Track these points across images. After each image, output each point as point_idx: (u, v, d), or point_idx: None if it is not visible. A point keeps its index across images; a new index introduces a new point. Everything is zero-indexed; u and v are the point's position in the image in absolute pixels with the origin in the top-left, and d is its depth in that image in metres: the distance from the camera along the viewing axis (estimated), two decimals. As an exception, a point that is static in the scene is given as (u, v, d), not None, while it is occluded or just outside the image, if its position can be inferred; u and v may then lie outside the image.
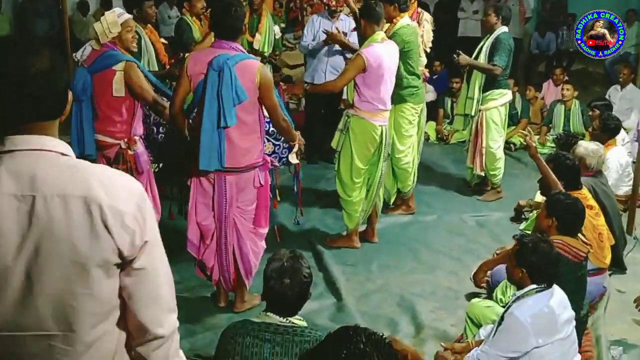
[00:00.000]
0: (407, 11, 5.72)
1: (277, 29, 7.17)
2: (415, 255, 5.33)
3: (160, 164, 4.97)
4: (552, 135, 8.25)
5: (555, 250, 3.22)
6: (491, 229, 5.85)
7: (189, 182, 4.10)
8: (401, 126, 5.72)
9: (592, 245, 4.14)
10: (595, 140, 5.53)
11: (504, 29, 6.21)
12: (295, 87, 9.23)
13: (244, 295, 4.30)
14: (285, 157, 4.64)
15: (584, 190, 4.49)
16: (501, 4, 6.31)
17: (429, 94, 7.97)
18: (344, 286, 4.73)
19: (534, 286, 3.11)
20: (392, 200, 6.06)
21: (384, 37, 5.02)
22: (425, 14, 6.40)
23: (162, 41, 6.18)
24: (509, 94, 6.42)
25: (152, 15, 5.99)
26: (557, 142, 7.63)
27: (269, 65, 6.96)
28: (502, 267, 3.78)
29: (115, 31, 4.23)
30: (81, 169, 1.59)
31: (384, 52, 4.92)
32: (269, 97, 3.92)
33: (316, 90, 5.89)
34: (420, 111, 5.89)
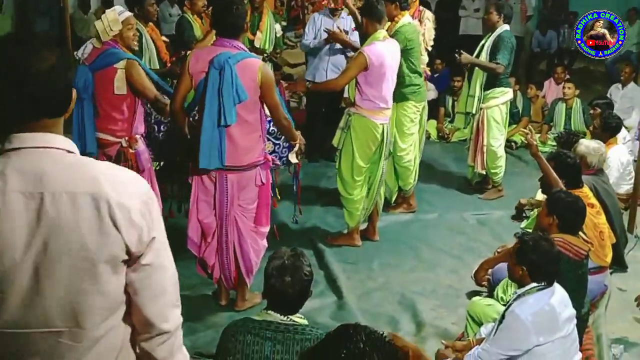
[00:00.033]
0: (408, 9, 5.72)
1: (278, 27, 7.16)
2: (416, 253, 5.33)
3: (161, 162, 4.97)
4: (553, 133, 8.23)
5: (555, 248, 3.21)
6: (492, 227, 5.85)
7: (189, 181, 4.11)
8: (403, 124, 5.72)
9: (593, 243, 4.14)
10: (596, 138, 5.53)
11: (505, 27, 6.20)
12: (297, 84, 9.20)
13: (245, 293, 4.30)
14: (285, 157, 4.64)
15: (585, 188, 4.49)
16: (503, 2, 6.29)
17: (430, 93, 7.96)
18: (345, 284, 4.74)
19: (534, 284, 3.11)
20: (394, 198, 6.06)
21: (385, 35, 5.01)
22: (426, 12, 6.40)
23: (163, 39, 6.17)
24: (510, 93, 6.40)
25: (153, 13, 5.97)
26: (558, 140, 7.63)
27: (269, 63, 6.95)
28: (503, 265, 3.78)
29: (116, 29, 4.21)
30: (88, 166, 1.59)
31: (386, 50, 4.92)
32: (270, 95, 3.91)
33: (318, 88, 5.89)
34: (422, 109, 5.89)
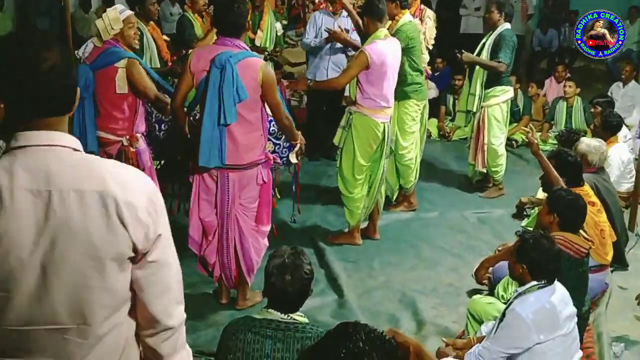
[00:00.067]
0: (409, 8, 5.73)
1: (278, 25, 7.17)
2: (416, 252, 5.33)
3: (161, 161, 4.97)
4: (554, 132, 8.22)
5: (556, 246, 3.21)
6: (493, 225, 5.85)
7: (190, 179, 4.11)
8: (404, 123, 5.73)
9: (593, 241, 4.14)
10: (597, 137, 5.53)
11: (506, 25, 6.19)
12: (298, 83, 9.20)
13: (246, 292, 4.30)
14: (285, 157, 4.64)
15: (586, 186, 4.49)
16: (504, 1, 6.27)
17: (431, 91, 7.96)
18: (346, 283, 4.74)
19: (535, 282, 3.11)
20: (395, 196, 6.06)
21: (386, 34, 5.00)
22: (427, 11, 6.40)
23: (164, 38, 6.17)
24: (511, 91, 6.40)
25: (154, 12, 5.97)
26: (559, 138, 7.58)
27: (270, 62, 6.95)
28: (504, 263, 3.79)
29: (117, 28, 4.21)
30: (95, 164, 1.60)
31: (387, 49, 4.91)
32: (271, 95, 3.91)
33: (319, 86, 5.89)
34: (423, 108, 5.89)
